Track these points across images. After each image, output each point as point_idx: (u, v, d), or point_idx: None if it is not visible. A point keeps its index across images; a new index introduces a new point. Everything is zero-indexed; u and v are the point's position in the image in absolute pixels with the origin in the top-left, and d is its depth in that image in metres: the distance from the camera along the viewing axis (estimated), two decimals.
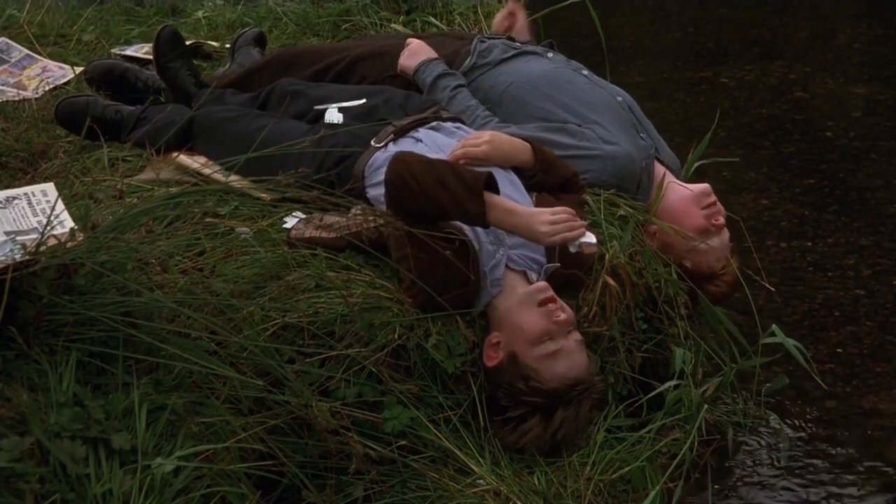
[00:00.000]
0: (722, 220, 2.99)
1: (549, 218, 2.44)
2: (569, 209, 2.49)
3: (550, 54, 3.34)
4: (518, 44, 3.38)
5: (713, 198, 3.01)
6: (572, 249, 2.47)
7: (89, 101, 3.28)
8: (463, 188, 2.37)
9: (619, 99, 3.19)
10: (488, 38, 3.40)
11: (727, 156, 4.51)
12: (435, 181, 2.36)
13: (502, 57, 3.28)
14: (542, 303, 2.44)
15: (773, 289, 3.20)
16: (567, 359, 2.44)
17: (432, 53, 3.22)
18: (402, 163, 2.41)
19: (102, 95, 3.42)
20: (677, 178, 3.14)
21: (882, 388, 3.06)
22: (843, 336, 3.32)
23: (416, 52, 3.22)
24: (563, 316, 2.45)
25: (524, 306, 2.45)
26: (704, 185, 3.04)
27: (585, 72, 3.27)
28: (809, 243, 3.94)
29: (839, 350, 3.25)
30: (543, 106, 3.10)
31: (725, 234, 3.01)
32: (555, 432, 2.42)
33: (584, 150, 2.97)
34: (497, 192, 2.46)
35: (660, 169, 3.08)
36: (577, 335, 2.49)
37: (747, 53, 6.28)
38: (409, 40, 3.29)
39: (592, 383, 2.48)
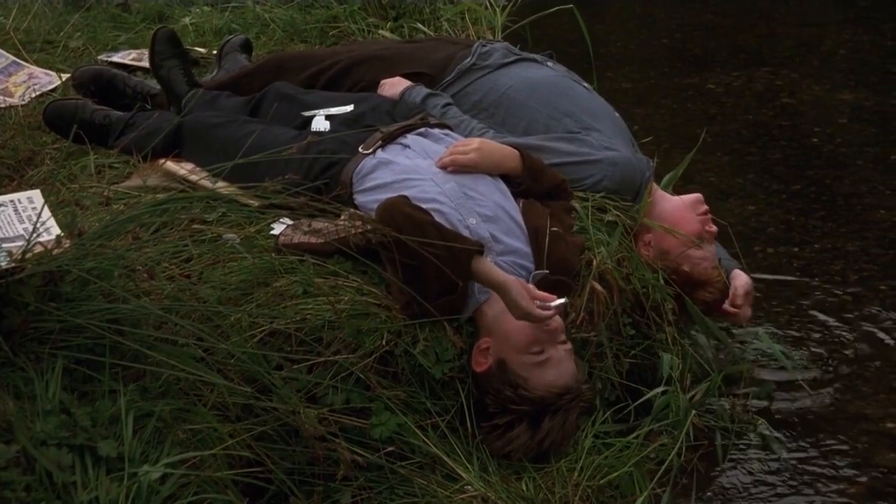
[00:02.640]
0: (715, 227, 3.03)
1: (524, 304, 2.37)
2: (548, 298, 2.42)
3: (550, 63, 3.35)
4: (519, 50, 3.39)
5: (706, 206, 3.05)
6: None
7: (78, 105, 3.28)
8: (452, 263, 2.35)
9: (617, 115, 3.20)
10: (489, 43, 3.41)
11: (714, 161, 4.54)
12: (422, 244, 2.33)
13: (502, 61, 3.28)
14: None
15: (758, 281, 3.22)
16: (556, 367, 2.45)
17: (410, 83, 3.21)
18: (389, 217, 2.39)
19: (91, 101, 3.41)
20: None
21: (869, 394, 3.07)
22: (830, 341, 3.33)
23: (395, 84, 3.19)
24: (552, 324, 2.45)
25: None
26: (698, 195, 3.07)
27: (585, 84, 3.29)
28: (796, 249, 3.95)
29: (826, 355, 3.26)
30: (542, 110, 3.10)
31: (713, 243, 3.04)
32: (542, 440, 2.43)
33: (584, 155, 2.97)
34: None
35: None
36: (566, 344, 2.49)
37: (734, 60, 6.31)
38: (384, 81, 3.23)
39: (580, 392, 2.48)
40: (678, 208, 3.03)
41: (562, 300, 2.39)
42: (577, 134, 3.02)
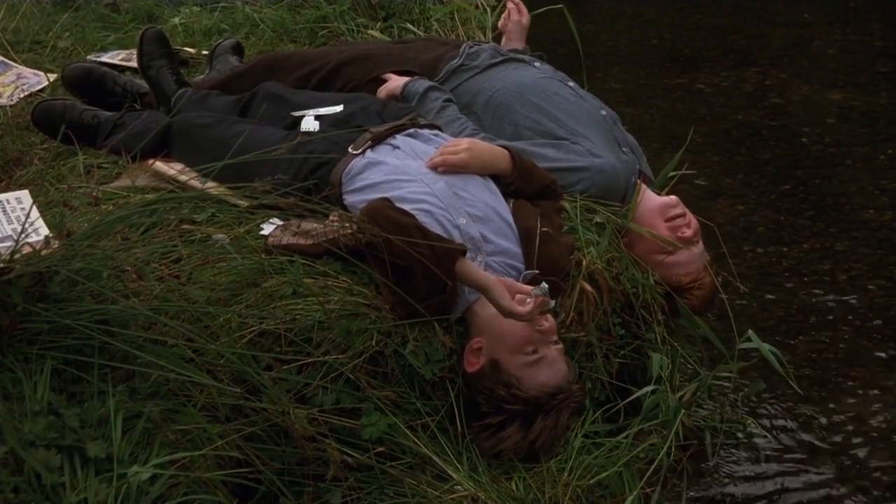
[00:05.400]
0: (689, 232, 2.95)
1: (505, 303, 2.37)
2: (528, 291, 2.40)
3: (538, 64, 3.34)
4: (506, 50, 3.39)
5: (679, 210, 2.97)
6: None
7: (66, 105, 3.27)
8: (436, 263, 2.35)
9: (604, 113, 3.19)
10: (477, 44, 3.41)
11: (703, 161, 4.55)
12: (406, 245, 2.33)
13: (490, 62, 3.28)
14: None
15: (745, 289, 3.22)
16: (549, 368, 2.45)
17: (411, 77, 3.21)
18: (372, 220, 2.38)
19: (79, 101, 3.40)
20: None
21: (858, 394, 3.08)
22: (819, 341, 3.34)
23: (397, 78, 3.20)
24: (545, 324, 2.45)
25: None
26: (670, 198, 3.00)
27: (571, 83, 3.28)
28: (785, 249, 3.96)
29: (815, 355, 3.27)
30: (530, 115, 3.10)
31: (699, 246, 2.98)
32: (533, 440, 2.43)
33: (571, 162, 2.96)
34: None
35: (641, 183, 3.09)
36: (558, 344, 2.49)
37: (723, 60, 6.31)
38: (388, 74, 3.24)
39: (572, 392, 2.49)
40: (647, 212, 2.97)
41: (539, 287, 2.38)
42: (565, 141, 3.02)
